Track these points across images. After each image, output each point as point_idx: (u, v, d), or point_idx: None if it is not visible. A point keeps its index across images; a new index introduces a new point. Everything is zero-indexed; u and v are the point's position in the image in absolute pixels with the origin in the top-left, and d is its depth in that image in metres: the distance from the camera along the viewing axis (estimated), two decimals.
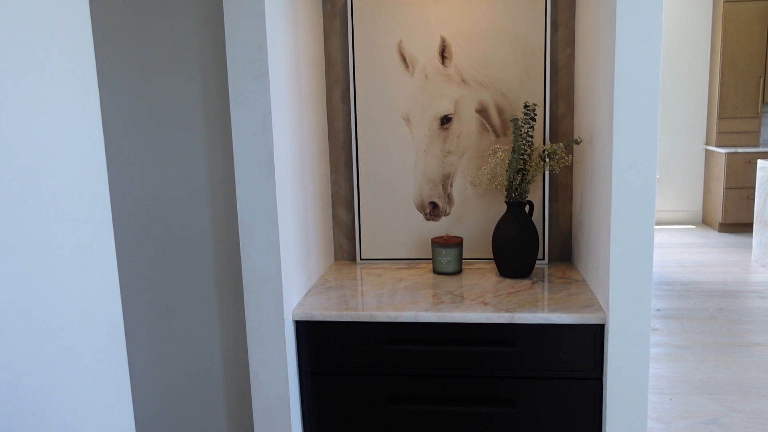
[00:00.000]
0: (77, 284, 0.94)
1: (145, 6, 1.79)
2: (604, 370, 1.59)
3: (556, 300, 1.68)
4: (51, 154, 0.88)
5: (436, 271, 1.96)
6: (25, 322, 0.82)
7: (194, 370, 1.97)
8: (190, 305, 1.93)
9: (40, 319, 0.85)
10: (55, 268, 0.88)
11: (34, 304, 0.84)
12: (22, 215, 0.82)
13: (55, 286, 0.88)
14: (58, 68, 0.90)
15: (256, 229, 1.60)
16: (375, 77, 2.02)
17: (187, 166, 1.86)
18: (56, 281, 0.89)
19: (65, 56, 0.92)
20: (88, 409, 0.96)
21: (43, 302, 0.86)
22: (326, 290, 1.84)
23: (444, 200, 2.06)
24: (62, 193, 0.91)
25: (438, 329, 1.63)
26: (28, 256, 0.83)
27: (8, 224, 0.79)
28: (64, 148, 0.91)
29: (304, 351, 1.70)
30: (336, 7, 2.03)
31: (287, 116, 1.66)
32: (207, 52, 1.77)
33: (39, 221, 0.85)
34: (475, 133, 2.01)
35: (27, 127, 0.83)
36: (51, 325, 0.88)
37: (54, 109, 0.89)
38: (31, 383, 0.84)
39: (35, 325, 0.84)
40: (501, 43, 1.96)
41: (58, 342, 0.89)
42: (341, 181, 2.12)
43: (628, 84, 1.47)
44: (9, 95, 0.80)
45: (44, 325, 0.86)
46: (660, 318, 4.26)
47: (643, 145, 1.48)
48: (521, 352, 1.62)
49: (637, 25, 1.45)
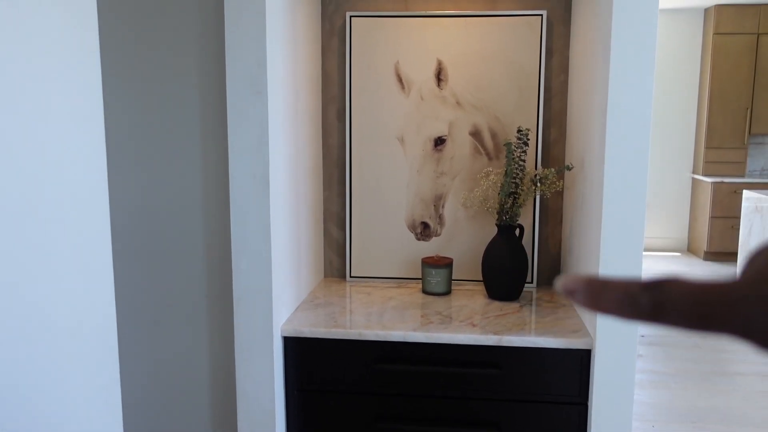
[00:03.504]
0: (73, 293, 0.94)
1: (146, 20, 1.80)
2: (590, 396, 1.60)
3: (543, 324, 1.70)
4: (54, 163, 0.89)
5: (426, 291, 1.97)
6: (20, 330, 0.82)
7: (181, 382, 1.96)
8: (180, 317, 1.93)
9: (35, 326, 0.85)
10: (51, 276, 0.89)
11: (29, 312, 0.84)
12: (22, 223, 0.82)
13: (50, 294, 0.89)
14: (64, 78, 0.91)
15: (248, 243, 1.60)
16: (371, 97, 2.04)
17: (181, 178, 1.86)
18: (52, 290, 0.89)
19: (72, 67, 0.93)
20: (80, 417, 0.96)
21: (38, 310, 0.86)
22: (315, 307, 1.84)
23: (435, 221, 2.08)
24: (63, 203, 0.91)
25: (426, 349, 1.64)
26: (25, 265, 0.83)
27: (8, 232, 0.80)
28: (67, 158, 0.92)
29: (291, 367, 1.69)
30: (335, 27, 2.05)
31: (283, 132, 1.67)
32: (206, 67, 1.78)
33: (38, 230, 0.85)
34: (468, 155, 2.03)
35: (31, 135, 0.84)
36: (45, 333, 0.88)
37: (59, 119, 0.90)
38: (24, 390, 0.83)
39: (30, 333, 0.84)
40: (496, 67, 1.99)
41: (52, 350, 0.89)
42: (334, 198, 2.13)
43: (621, 112, 1.49)
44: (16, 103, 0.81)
45: (38, 333, 0.86)
46: (644, 344, 4.28)
47: (633, 172, 1.51)
48: (508, 375, 1.63)
49: (630, 55, 1.48)
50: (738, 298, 0.24)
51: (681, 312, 0.26)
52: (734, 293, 0.25)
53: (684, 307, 0.25)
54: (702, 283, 0.26)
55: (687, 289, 0.26)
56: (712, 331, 0.25)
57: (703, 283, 0.26)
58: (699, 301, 0.25)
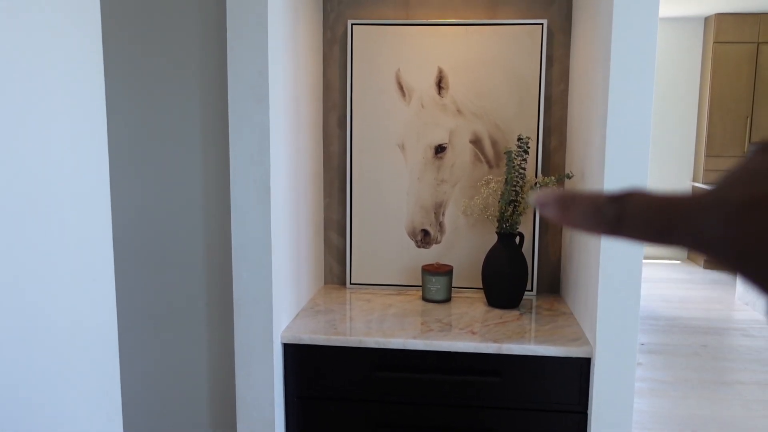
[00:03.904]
0: (74, 298, 0.94)
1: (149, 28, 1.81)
2: (589, 404, 1.60)
3: (543, 332, 1.70)
4: (57, 168, 0.89)
5: (426, 299, 1.97)
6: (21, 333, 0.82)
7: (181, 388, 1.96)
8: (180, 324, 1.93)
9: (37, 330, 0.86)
10: (53, 280, 0.89)
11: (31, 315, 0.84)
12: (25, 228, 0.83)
13: (52, 298, 0.89)
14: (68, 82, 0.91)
15: (249, 250, 1.61)
16: (372, 104, 2.05)
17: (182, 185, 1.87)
18: (53, 294, 0.89)
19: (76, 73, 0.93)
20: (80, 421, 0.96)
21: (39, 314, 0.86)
22: (315, 314, 1.84)
23: (435, 228, 2.08)
24: (65, 208, 0.91)
25: (426, 357, 1.64)
26: (27, 268, 0.83)
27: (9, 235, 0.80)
28: (70, 163, 0.92)
29: (291, 374, 1.69)
30: (336, 35, 2.06)
31: (284, 139, 1.68)
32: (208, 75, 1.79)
33: (40, 235, 0.86)
34: (468, 163, 2.04)
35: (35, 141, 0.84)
36: (46, 336, 0.88)
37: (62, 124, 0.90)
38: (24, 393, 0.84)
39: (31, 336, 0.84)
40: (497, 76, 2.00)
41: (53, 354, 0.89)
42: (334, 205, 2.13)
43: (621, 120, 1.50)
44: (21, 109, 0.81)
45: (40, 337, 0.86)
46: (644, 353, 4.28)
47: (633, 180, 1.51)
48: (507, 383, 1.63)
49: (630, 64, 1.49)
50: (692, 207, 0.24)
51: (640, 223, 0.26)
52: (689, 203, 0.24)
53: (643, 218, 0.26)
54: (662, 195, 0.26)
55: (647, 201, 0.26)
56: (668, 242, 0.25)
57: (664, 195, 0.26)
58: (657, 211, 0.25)
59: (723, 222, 0.23)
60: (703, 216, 0.24)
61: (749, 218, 0.22)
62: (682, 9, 6.49)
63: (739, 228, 0.22)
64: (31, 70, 0.84)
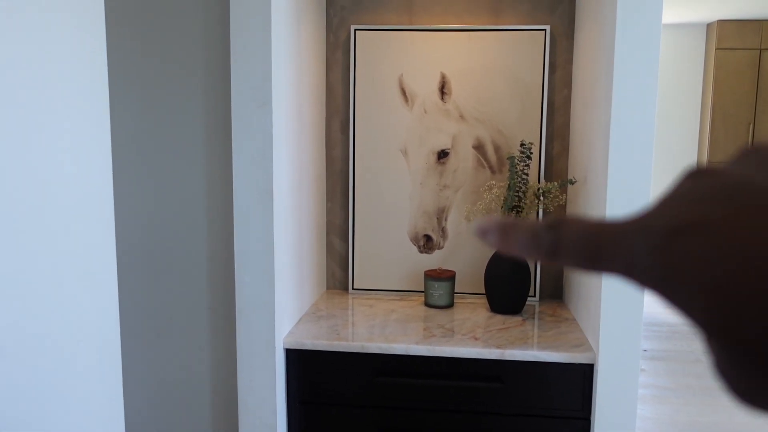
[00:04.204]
0: (77, 304, 0.94)
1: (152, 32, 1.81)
2: (592, 410, 1.59)
3: (546, 338, 1.69)
4: (60, 173, 0.89)
5: (428, 304, 1.97)
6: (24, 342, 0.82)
7: (183, 394, 1.96)
8: (182, 329, 1.93)
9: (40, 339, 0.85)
10: (56, 287, 0.89)
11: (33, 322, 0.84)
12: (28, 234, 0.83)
13: (54, 305, 0.89)
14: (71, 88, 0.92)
15: (251, 254, 1.60)
16: (374, 109, 2.05)
17: (185, 190, 1.87)
18: (56, 301, 0.89)
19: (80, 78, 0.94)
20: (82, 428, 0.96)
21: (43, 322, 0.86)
22: (318, 319, 1.84)
23: (438, 233, 2.08)
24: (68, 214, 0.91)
25: (428, 363, 1.63)
26: (30, 275, 0.83)
27: (12, 241, 0.80)
28: (73, 168, 0.92)
29: (293, 379, 1.69)
30: (339, 40, 2.07)
31: (287, 144, 1.68)
32: (212, 80, 1.79)
33: (44, 241, 0.86)
34: (471, 168, 2.04)
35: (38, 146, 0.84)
36: (49, 345, 0.88)
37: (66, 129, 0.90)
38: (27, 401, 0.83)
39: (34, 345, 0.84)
40: (500, 81, 2.00)
41: (55, 360, 0.89)
42: (337, 210, 2.13)
43: (624, 126, 1.50)
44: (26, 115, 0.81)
45: (43, 345, 0.86)
46: (646, 359, 4.26)
47: (636, 187, 1.51)
48: (510, 389, 1.62)
49: (633, 70, 1.49)
50: (620, 235, 0.24)
51: (574, 250, 0.25)
52: (618, 231, 0.24)
53: (577, 245, 0.25)
54: (596, 223, 0.25)
55: (581, 228, 0.25)
56: (601, 270, 0.25)
57: (597, 222, 0.25)
58: (589, 239, 0.25)
59: (648, 249, 0.22)
60: (630, 243, 0.23)
61: (672, 246, 0.22)
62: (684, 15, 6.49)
63: (662, 255, 0.22)
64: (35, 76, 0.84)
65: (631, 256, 0.23)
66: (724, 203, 0.22)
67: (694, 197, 0.23)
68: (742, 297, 0.20)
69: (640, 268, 0.23)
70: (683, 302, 0.22)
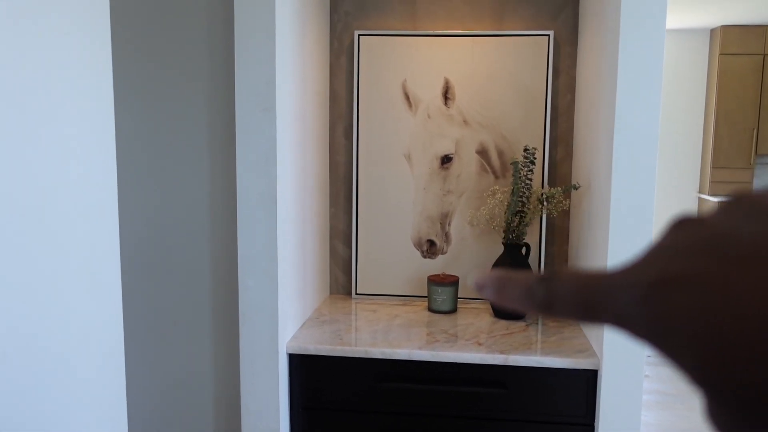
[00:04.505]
0: (82, 310, 0.94)
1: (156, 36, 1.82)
2: (596, 416, 1.58)
3: (550, 343, 1.69)
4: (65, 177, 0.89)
5: (431, 309, 1.97)
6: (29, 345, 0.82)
7: (186, 398, 1.96)
8: (185, 333, 1.93)
9: (44, 342, 0.86)
10: (60, 290, 0.89)
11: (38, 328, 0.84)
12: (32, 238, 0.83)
13: (59, 310, 0.89)
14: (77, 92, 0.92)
15: (255, 260, 1.60)
16: (378, 114, 2.05)
17: (189, 195, 1.87)
18: (61, 305, 0.89)
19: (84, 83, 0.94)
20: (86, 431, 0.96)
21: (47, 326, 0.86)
22: (321, 324, 1.84)
23: (441, 238, 2.08)
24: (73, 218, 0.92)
25: (432, 368, 1.63)
26: (34, 279, 0.83)
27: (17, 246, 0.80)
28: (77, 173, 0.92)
29: (296, 384, 1.69)
30: (343, 45, 2.07)
31: (291, 149, 1.68)
32: (216, 85, 1.79)
33: (48, 245, 0.86)
34: (474, 173, 2.04)
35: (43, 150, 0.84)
36: (53, 348, 0.88)
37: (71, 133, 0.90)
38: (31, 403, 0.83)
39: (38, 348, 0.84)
40: (503, 86, 2.00)
41: (59, 364, 0.89)
42: (340, 215, 2.13)
43: (628, 132, 1.50)
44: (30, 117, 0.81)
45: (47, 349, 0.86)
46: (650, 364, 4.25)
47: (640, 192, 1.51)
48: (514, 395, 1.62)
49: (637, 76, 1.48)
50: (610, 287, 0.24)
51: (567, 302, 0.26)
52: (608, 283, 0.24)
53: (570, 298, 0.26)
54: (587, 274, 0.26)
55: (574, 280, 0.26)
56: (594, 321, 0.25)
57: (588, 274, 0.25)
58: (582, 291, 0.25)
59: (636, 301, 0.23)
60: (620, 295, 0.24)
61: (659, 297, 0.22)
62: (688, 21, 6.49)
63: (650, 307, 0.22)
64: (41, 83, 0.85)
65: (621, 308, 0.23)
66: (710, 255, 0.22)
67: (680, 248, 0.23)
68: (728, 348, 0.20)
69: (631, 320, 0.23)
70: (672, 353, 0.22)
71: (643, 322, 0.23)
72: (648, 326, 0.22)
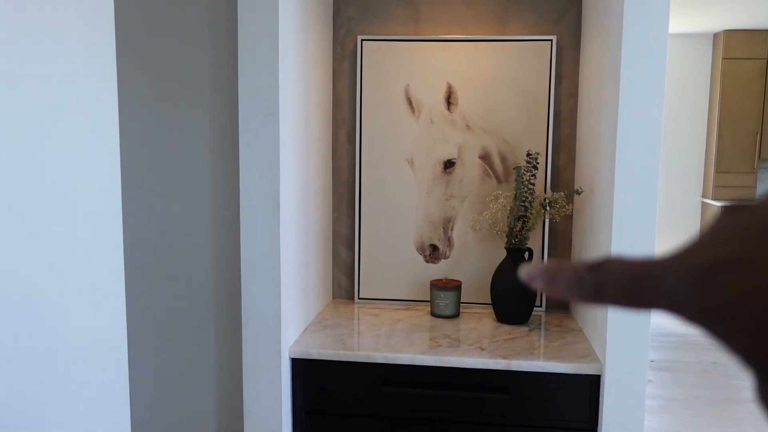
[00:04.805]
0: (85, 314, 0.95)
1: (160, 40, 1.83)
2: (599, 422, 1.58)
3: (552, 348, 1.69)
4: (68, 182, 0.90)
5: (434, 314, 1.97)
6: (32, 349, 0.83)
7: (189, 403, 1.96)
8: (188, 338, 1.93)
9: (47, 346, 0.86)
10: (64, 295, 0.89)
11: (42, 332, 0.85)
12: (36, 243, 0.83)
13: (63, 314, 0.89)
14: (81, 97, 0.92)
15: (257, 264, 1.61)
16: (381, 119, 2.05)
17: (192, 199, 1.88)
18: (64, 309, 0.89)
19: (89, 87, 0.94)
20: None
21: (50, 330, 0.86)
22: (323, 328, 1.84)
23: (444, 243, 2.08)
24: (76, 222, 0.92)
25: (434, 373, 1.63)
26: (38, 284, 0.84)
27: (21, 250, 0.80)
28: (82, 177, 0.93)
29: (299, 389, 1.69)
30: (346, 50, 2.07)
31: (294, 153, 1.68)
32: (219, 89, 1.80)
33: (52, 250, 0.86)
34: (477, 178, 2.04)
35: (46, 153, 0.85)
36: (57, 353, 0.88)
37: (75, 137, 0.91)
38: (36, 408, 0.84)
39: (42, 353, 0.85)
40: (506, 91, 2.00)
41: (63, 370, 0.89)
42: (343, 220, 2.14)
43: (630, 137, 1.50)
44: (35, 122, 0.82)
45: (50, 353, 0.87)
46: (654, 370, 4.24)
47: (643, 197, 1.51)
48: (517, 400, 1.62)
49: (640, 80, 1.49)
50: (662, 271, 0.25)
51: (617, 289, 0.26)
52: (659, 267, 0.25)
53: (619, 285, 0.26)
54: (636, 261, 0.26)
55: (623, 267, 0.26)
56: (645, 307, 0.25)
57: (638, 260, 0.26)
58: (631, 277, 0.26)
59: (689, 285, 0.23)
60: (672, 280, 0.24)
61: (712, 281, 0.23)
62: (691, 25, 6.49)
63: (703, 291, 0.23)
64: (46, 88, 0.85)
65: (674, 293, 0.24)
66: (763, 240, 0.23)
67: (733, 234, 0.24)
68: None
69: (684, 304, 0.24)
70: (726, 335, 0.23)
71: (696, 305, 0.23)
72: (701, 310, 0.23)
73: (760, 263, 0.22)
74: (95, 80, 0.97)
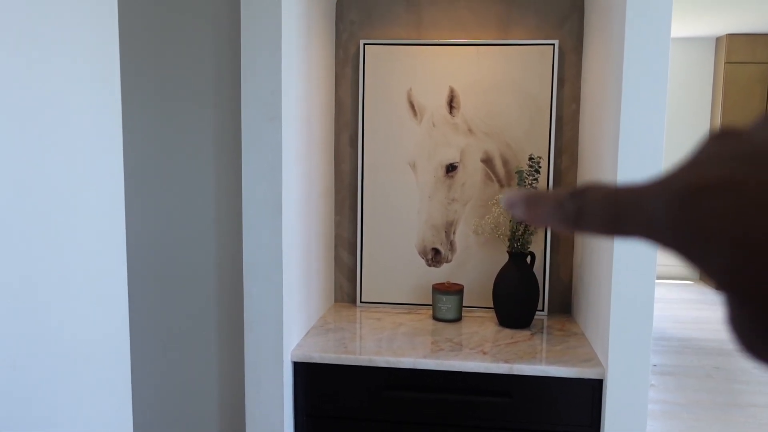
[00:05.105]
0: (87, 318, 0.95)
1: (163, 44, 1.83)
2: (601, 426, 1.58)
3: (554, 353, 1.69)
4: (71, 186, 0.90)
5: (436, 318, 1.97)
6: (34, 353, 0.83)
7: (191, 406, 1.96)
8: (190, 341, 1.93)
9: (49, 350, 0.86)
10: (67, 299, 0.90)
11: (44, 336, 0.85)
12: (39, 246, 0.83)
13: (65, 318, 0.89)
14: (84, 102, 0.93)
15: (260, 268, 1.61)
16: (383, 123, 2.06)
17: (195, 203, 1.88)
18: (67, 313, 0.90)
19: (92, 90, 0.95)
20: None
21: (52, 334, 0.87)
22: (325, 332, 1.84)
23: (446, 247, 2.08)
24: (79, 226, 0.92)
25: (436, 377, 1.63)
26: (41, 287, 0.84)
27: (24, 254, 0.81)
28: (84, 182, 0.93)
29: (301, 393, 1.69)
30: (348, 54, 2.08)
31: (296, 158, 1.69)
32: (222, 93, 1.80)
33: (54, 254, 0.87)
34: (479, 182, 2.04)
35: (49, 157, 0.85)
36: (59, 357, 0.88)
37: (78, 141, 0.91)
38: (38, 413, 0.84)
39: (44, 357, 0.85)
40: (508, 95, 2.00)
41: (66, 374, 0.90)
42: (345, 224, 2.14)
43: (633, 141, 1.50)
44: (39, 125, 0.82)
45: (52, 357, 0.87)
46: (656, 374, 4.23)
47: None
48: (518, 404, 1.62)
49: (642, 85, 1.49)
50: (641, 195, 0.24)
51: (596, 215, 0.26)
52: (640, 192, 0.24)
53: (599, 210, 0.26)
54: (618, 187, 0.25)
55: (603, 193, 0.26)
56: (622, 232, 0.25)
57: (620, 186, 0.25)
58: (611, 202, 0.25)
59: (666, 208, 0.23)
60: (653, 203, 0.23)
61: (693, 201, 0.22)
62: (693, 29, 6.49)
63: (680, 213, 0.22)
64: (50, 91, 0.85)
65: (652, 215, 0.23)
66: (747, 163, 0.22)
67: (717, 158, 0.23)
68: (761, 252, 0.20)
69: (661, 227, 0.23)
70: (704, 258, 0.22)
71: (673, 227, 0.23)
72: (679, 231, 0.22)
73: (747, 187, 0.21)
74: (99, 85, 0.97)
